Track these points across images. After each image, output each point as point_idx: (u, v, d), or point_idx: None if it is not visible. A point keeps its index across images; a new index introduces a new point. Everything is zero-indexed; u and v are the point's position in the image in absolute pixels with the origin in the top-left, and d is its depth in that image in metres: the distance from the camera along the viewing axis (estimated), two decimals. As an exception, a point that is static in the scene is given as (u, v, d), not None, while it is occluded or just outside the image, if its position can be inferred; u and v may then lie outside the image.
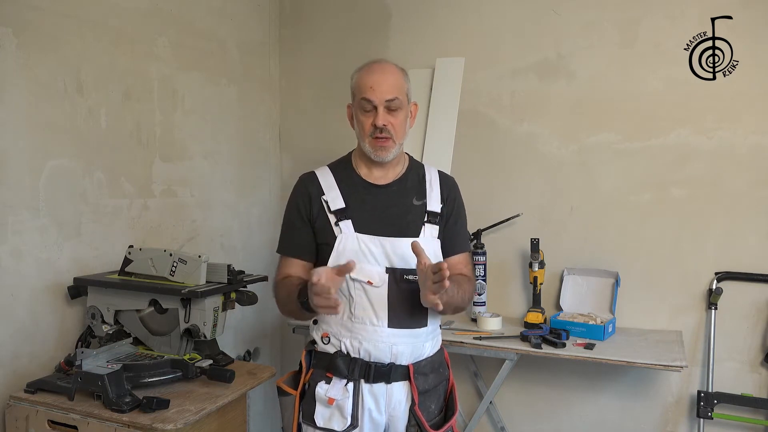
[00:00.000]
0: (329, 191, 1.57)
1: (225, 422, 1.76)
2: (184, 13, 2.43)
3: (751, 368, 2.32)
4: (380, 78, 1.51)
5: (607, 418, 2.53)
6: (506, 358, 2.22)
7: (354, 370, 1.50)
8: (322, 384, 1.52)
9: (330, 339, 1.54)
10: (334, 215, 1.54)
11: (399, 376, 1.52)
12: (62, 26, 1.93)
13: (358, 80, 1.55)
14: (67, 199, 1.96)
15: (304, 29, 3.00)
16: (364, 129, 1.54)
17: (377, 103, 1.50)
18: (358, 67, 1.59)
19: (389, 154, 1.54)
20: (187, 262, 1.86)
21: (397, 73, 1.55)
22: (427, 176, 1.66)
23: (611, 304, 2.41)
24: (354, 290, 1.50)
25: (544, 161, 2.58)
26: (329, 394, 1.50)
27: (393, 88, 1.51)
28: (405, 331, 1.51)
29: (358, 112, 1.55)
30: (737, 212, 2.32)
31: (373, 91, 1.50)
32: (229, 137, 2.71)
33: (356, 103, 1.55)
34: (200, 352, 1.91)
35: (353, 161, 1.64)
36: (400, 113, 1.53)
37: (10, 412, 1.66)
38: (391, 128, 1.52)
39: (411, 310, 1.51)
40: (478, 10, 2.66)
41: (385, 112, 1.51)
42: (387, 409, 1.52)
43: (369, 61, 1.58)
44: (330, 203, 1.55)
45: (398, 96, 1.51)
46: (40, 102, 1.87)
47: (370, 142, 1.53)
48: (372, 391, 1.51)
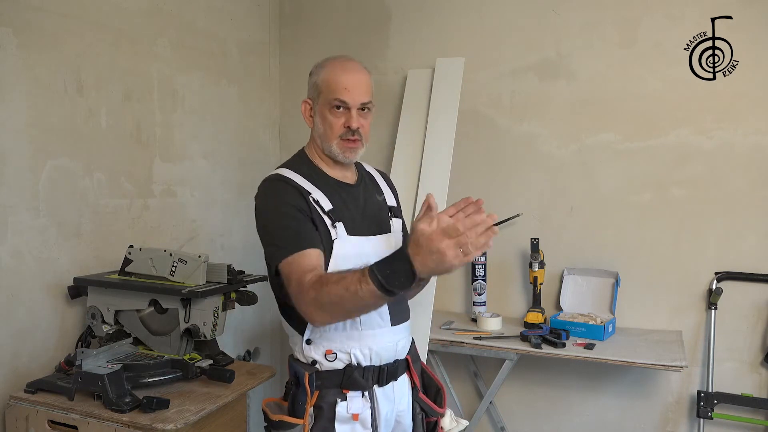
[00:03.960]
0: (313, 191, 1.47)
1: (225, 422, 1.76)
2: (184, 13, 2.43)
3: (751, 368, 2.32)
4: (356, 79, 1.47)
5: (607, 418, 2.53)
6: (506, 358, 2.23)
7: (369, 379, 1.47)
8: (340, 403, 1.45)
9: (336, 355, 1.45)
10: (327, 217, 1.45)
11: (402, 370, 1.55)
12: (62, 26, 1.93)
13: (330, 78, 1.48)
14: (67, 199, 1.96)
15: (304, 29, 3.00)
16: (333, 129, 1.48)
17: (352, 105, 1.46)
18: (322, 62, 1.52)
19: (357, 155, 1.52)
20: (187, 262, 1.86)
21: (368, 74, 1.52)
22: (372, 173, 1.67)
23: (611, 304, 2.41)
24: None
25: (544, 161, 2.58)
26: (351, 410, 1.45)
27: (367, 91, 1.49)
28: (403, 325, 1.54)
29: (325, 110, 1.49)
30: (737, 212, 2.32)
31: (349, 92, 1.45)
32: (229, 137, 2.71)
33: (324, 100, 1.48)
34: (200, 352, 1.91)
35: (313, 160, 1.55)
36: (369, 115, 1.51)
37: (10, 412, 1.66)
38: (362, 130, 1.49)
39: (402, 303, 1.55)
40: (478, 10, 2.66)
41: (357, 115, 1.47)
42: (396, 406, 1.53)
43: (337, 58, 1.52)
44: (321, 203, 1.45)
45: (371, 99, 1.50)
46: (40, 102, 1.87)
47: (339, 143, 1.48)
48: (384, 393, 1.50)
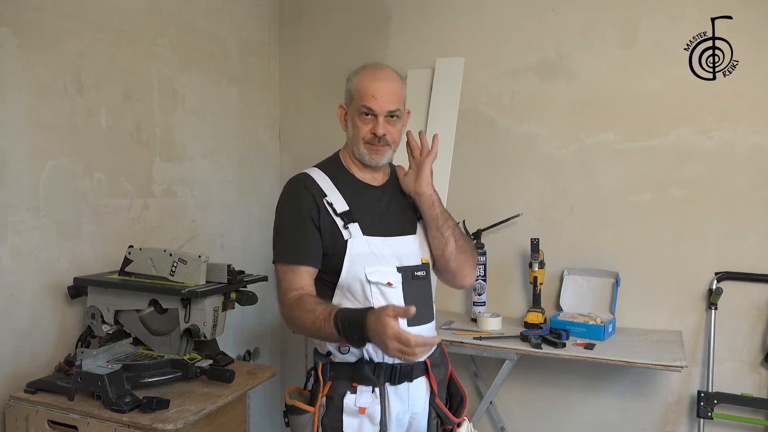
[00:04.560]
0: (331, 193, 1.53)
1: (225, 422, 1.76)
2: (184, 13, 2.43)
3: (751, 368, 2.32)
4: (384, 87, 1.50)
5: (607, 418, 2.53)
6: (506, 358, 2.22)
7: (380, 375, 1.49)
8: (349, 395, 1.49)
9: (349, 348, 1.49)
10: (340, 218, 1.50)
11: (419, 372, 1.54)
12: (62, 26, 1.93)
13: (360, 85, 1.52)
14: (67, 199, 1.96)
15: (304, 29, 3.00)
16: (360, 134, 1.53)
17: (379, 112, 1.50)
18: (357, 69, 1.57)
19: (384, 158, 1.56)
20: (187, 262, 1.86)
21: (398, 82, 1.55)
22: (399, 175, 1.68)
23: (611, 304, 2.41)
24: (371, 294, 1.48)
25: (544, 161, 2.58)
26: (359, 403, 1.48)
27: (395, 99, 1.51)
28: (421, 327, 1.53)
29: (355, 116, 1.53)
30: (737, 212, 2.32)
31: (376, 100, 1.49)
32: (229, 137, 2.71)
33: (354, 107, 1.53)
34: (200, 352, 1.91)
35: (344, 162, 1.61)
36: (398, 122, 1.55)
37: (10, 412, 1.66)
38: (389, 137, 1.53)
39: (422, 305, 1.53)
40: (478, 10, 2.66)
41: (384, 122, 1.51)
42: (410, 408, 1.54)
43: (370, 65, 1.56)
44: (335, 205, 1.51)
45: (399, 107, 1.53)
46: (40, 102, 1.87)
47: (366, 147, 1.53)
48: (397, 392, 1.51)
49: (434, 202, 1.57)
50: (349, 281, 1.48)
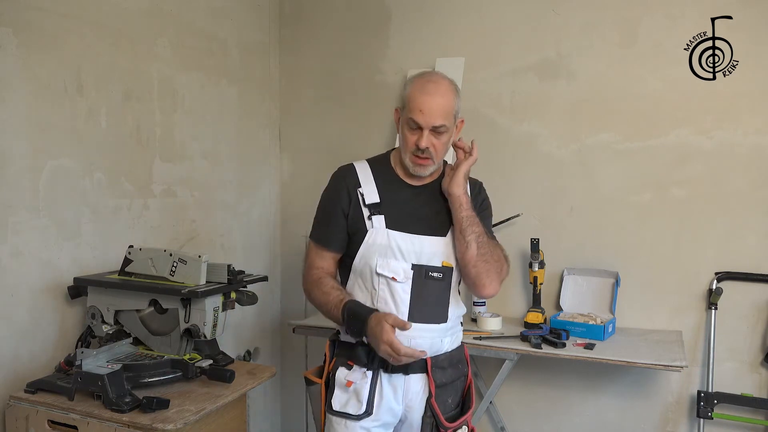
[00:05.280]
0: (366, 185, 1.60)
1: (225, 422, 1.76)
2: (184, 13, 2.43)
3: (751, 368, 2.32)
4: (432, 102, 1.52)
5: (607, 418, 2.53)
6: (506, 358, 2.22)
7: (374, 360, 1.55)
8: (342, 369, 1.59)
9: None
10: (367, 209, 1.58)
11: (417, 369, 1.57)
12: (62, 26, 1.93)
13: (411, 96, 1.55)
14: (67, 199, 1.96)
15: (304, 29, 3.00)
16: (407, 144, 1.57)
17: (424, 126, 1.53)
18: (414, 76, 1.60)
19: (426, 171, 1.60)
20: (187, 262, 1.86)
21: (450, 95, 1.56)
22: None
23: (611, 304, 2.41)
24: (378, 284, 1.55)
25: (544, 161, 2.58)
26: (348, 377, 1.57)
27: (442, 114, 1.53)
28: (424, 325, 1.55)
29: (404, 125, 1.57)
30: (737, 212, 2.32)
31: (423, 114, 1.52)
32: (229, 137, 2.71)
33: (404, 117, 1.57)
34: (200, 352, 1.90)
35: (392, 160, 1.67)
36: (444, 136, 1.57)
37: (10, 412, 1.66)
38: (433, 150, 1.55)
39: (433, 305, 1.57)
40: (478, 10, 2.66)
41: (429, 135, 1.54)
42: (404, 399, 1.57)
43: (423, 76, 1.59)
44: (366, 196, 1.59)
45: (445, 123, 1.54)
46: (40, 102, 1.87)
47: (411, 158, 1.58)
48: (391, 381, 1.56)
49: (462, 204, 1.59)
50: (361, 267, 1.58)
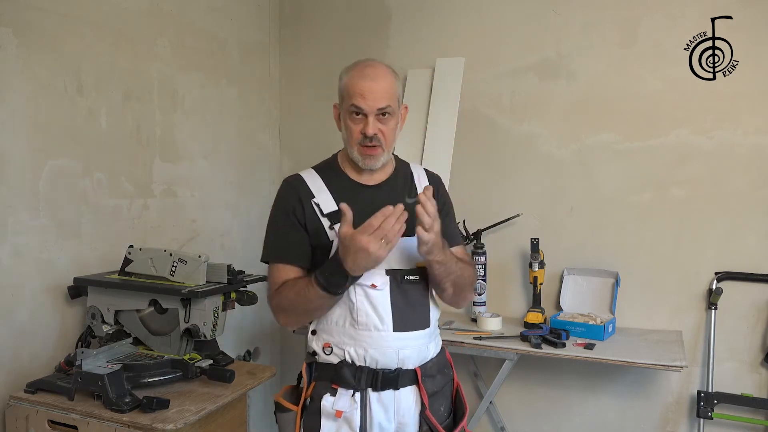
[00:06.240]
0: (319, 193, 1.50)
1: (225, 422, 1.76)
2: (184, 13, 2.43)
3: (751, 368, 2.32)
4: (372, 85, 1.43)
5: (607, 418, 2.53)
6: (506, 358, 2.22)
7: (361, 380, 1.43)
8: (327, 397, 1.44)
9: (333, 349, 1.46)
10: (327, 219, 1.47)
11: (407, 381, 1.47)
12: (62, 26, 1.93)
13: (348, 84, 1.46)
14: (67, 199, 1.96)
15: (304, 29, 3.00)
16: (352, 136, 1.47)
17: (368, 111, 1.43)
18: (347, 67, 1.50)
19: (377, 162, 1.49)
20: (187, 262, 1.86)
21: (390, 78, 1.47)
22: (414, 174, 1.62)
23: (611, 304, 2.41)
24: (356, 296, 1.43)
25: (544, 161, 2.58)
26: (336, 406, 1.43)
27: (385, 96, 1.43)
28: (410, 333, 1.46)
29: (346, 116, 1.47)
30: (737, 212, 2.32)
31: (364, 99, 1.42)
32: (229, 137, 2.71)
33: (345, 107, 1.47)
34: (200, 352, 1.91)
35: (340, 163, 1.56)
36: (391, 120, 1.47)
37: (10, 412, 1.66)
38: (381, 136, 1.45)
39: (414, 311, 1.47)
40: (478, 10, 2.66)
41: (375, 120, 1.44)
42: (396, 417, 1.46)
43: (359, 63, 1.49)
44: (321, 206, 1.48)
45: (390, 104, 1.44)
46: (40, 102, 1.87)
47: (359, 149, 1.47)
48: (380, 399, 1.44)
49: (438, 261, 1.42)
50: None
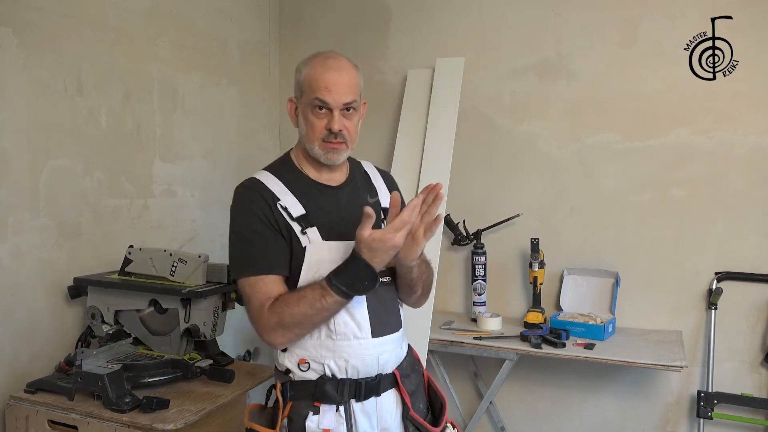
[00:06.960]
0: (284, 196, 1.39)
1: (225, 422, 1.76)
2: (184, 13, 2.43)
3: (751, 368, 2.32)
4: (338, 78, 1.36)
5: (607, 418, 2.53)
6: (506, 358, 2.23)
7: (344, 392, 1.36)
8: (311, 417, 1.35)
9: (310, 364, 1.38)
10: (297, 223, 1.37)
11: (387, 386, 1.42)
12: (62, 26, 1.93)
13: (310, 76, 1.38)
14: (67, 199, 1.96)
15: (304, 29, 3.00)
16: (314, 131, 1.38)
17: (333, 106, 1.36)
18: (306, 59, 1.43)
19: (340, 157, 1.41)
20: (187, 262, 1.86)
21: (354, 71, 1.41)
22: (369, 173, 1.56)
23: (611, 304, 2.41)
24: None
25: (544, 161, 2.58)
26: (322, 425, 1.35)
27: (350, 90, 1.38)
28: (387, 337, 1.41)
29: (307, 111, 1.39)
30: (737, 212, 2.32)
31: (330, 92, 1.35)
32: (229, 137, 2.71)
33: (306, 101, 1.39)
34: (200, 352, 1.91)
35: (296, 162, 1.47)
36: (355, 116, 1.41)
37: (10, 412, 1.66)
38: (346, 132, 1.39)
39: (388, 313, 1.43)
40: (478, 10, 2.66)
41: (340, 116, 1.37)
42: (379, 423, 1.40)
43: (320, 54, 1.42)
44: (289, 209, 1.38)
45: (356, 98, 1.39)
46: (40, 102, 1.87)
47: (321, 145, 1.39)
48: (363, 409, 1.38)
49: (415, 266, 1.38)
50: None
